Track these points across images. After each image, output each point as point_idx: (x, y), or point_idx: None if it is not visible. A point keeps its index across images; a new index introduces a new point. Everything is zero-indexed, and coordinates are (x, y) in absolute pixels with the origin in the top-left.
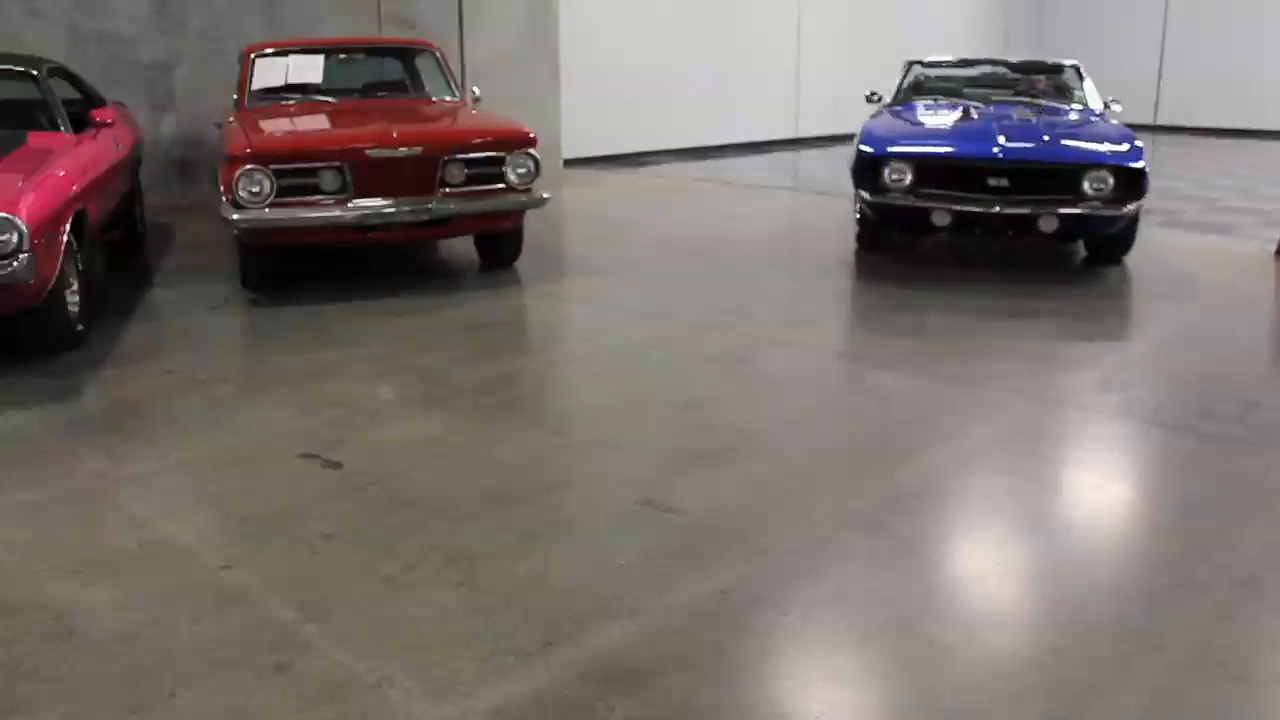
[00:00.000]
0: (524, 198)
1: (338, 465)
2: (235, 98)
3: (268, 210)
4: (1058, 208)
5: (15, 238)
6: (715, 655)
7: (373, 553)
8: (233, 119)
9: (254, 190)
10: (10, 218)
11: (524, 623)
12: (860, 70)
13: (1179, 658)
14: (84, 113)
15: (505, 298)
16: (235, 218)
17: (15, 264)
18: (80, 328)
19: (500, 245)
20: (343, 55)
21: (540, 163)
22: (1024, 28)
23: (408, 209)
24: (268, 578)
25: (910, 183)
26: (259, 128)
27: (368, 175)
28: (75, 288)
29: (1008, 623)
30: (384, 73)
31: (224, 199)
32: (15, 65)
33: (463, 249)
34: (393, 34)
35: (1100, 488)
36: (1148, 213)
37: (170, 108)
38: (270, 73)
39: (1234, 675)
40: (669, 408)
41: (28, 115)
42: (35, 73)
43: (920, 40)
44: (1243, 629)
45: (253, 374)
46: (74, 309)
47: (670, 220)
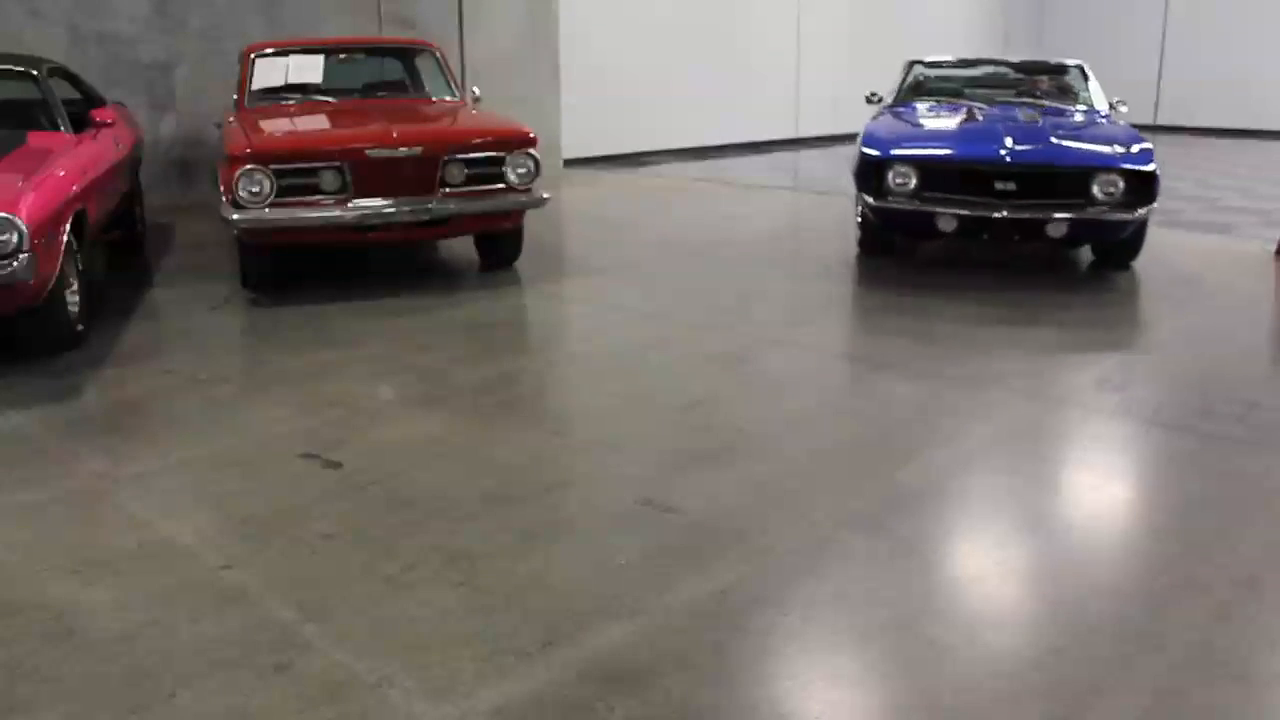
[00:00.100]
0: (524, 198)
1: (338, 465)
2: (235, 98)
3: (268, 210)
4: (1066, 212)
5: (15, 238)
6: (715, 655)
7: (373, 553)
8: (233, 119)
9: (254, 190)
10: (10, 218)
11: (524, 623)
12: (860, 70)
13: (1179, 658)
14: (84, 113)
15: (505, 298)
16: (235, 218)
17: (15, 264)
18: (80, 328)
19: (500, 245)
20: (343, 55)
21: (540, 163)
22: (1024, 28)
23: (408, 209)
24: (268, 578)
25: (914, 186)
26: (259, 128)
27: (368, 175)
28: (75, 288)
29: (1008, 623)
30: (384, 73)
31: (224, 199)
32: (15, 65)
33: (463, 249)
34: (393, 34)
35: (1100, 488)
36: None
37: (170, 108)
38: (270, 73)
39: (1234, 675)
40: (669, 408)
41: (28, 115)
42: (35, 73)
43: (920, 40)
44: (1243, 629)
45: (253, 374)
46: (74, 309)
47: (670, 220)
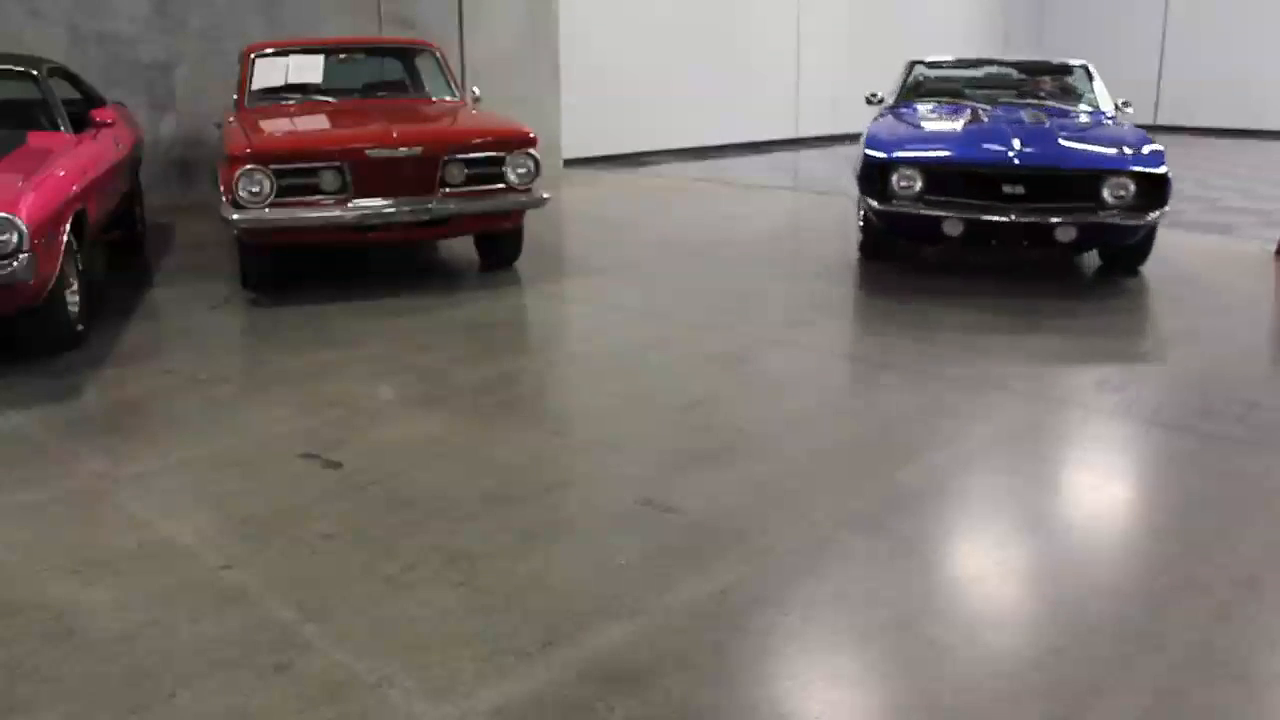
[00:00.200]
0: (524, 198)
1: (338, 465)
2: (235, 98)
3: (268, 210)
4: (1075, 216)
5: (15, 238)
6: (715, 655)
7: (373, 553)
8: (233, 119)
9: (254, 190)
10: (10, 218)
11: (524, 623)
12: (860, 70)
13: (1179, 658)
14: (84, 113)
15: (505, 298)
16: (235, 218)
17: (15, 264)
18: (80, 328)
19: (500, 245)
20: (343, 55)
21: (540, 163)
22: (1024, 28)
23: (408, 209)
24: (268, 578)
25: (919, 190)
26: (259, 128)
27: (368, 175)
28: (75, 288)
29: (1008, 623)
30: (384, 73)
31: (224, 199)
32: (15, 65)
33: (463, 249)
34: (393, 34)
35: (1100, 488)
36: None
37: (170, 108)
38: (270, 73)
39: (1234, 675)
40: (669, 408)
41: (28, 115)
42: (35, 73)
43: (920, 40)
44: (1243, 629)
45: (253, 374)
46: (74, 309)
47: (670, 220)
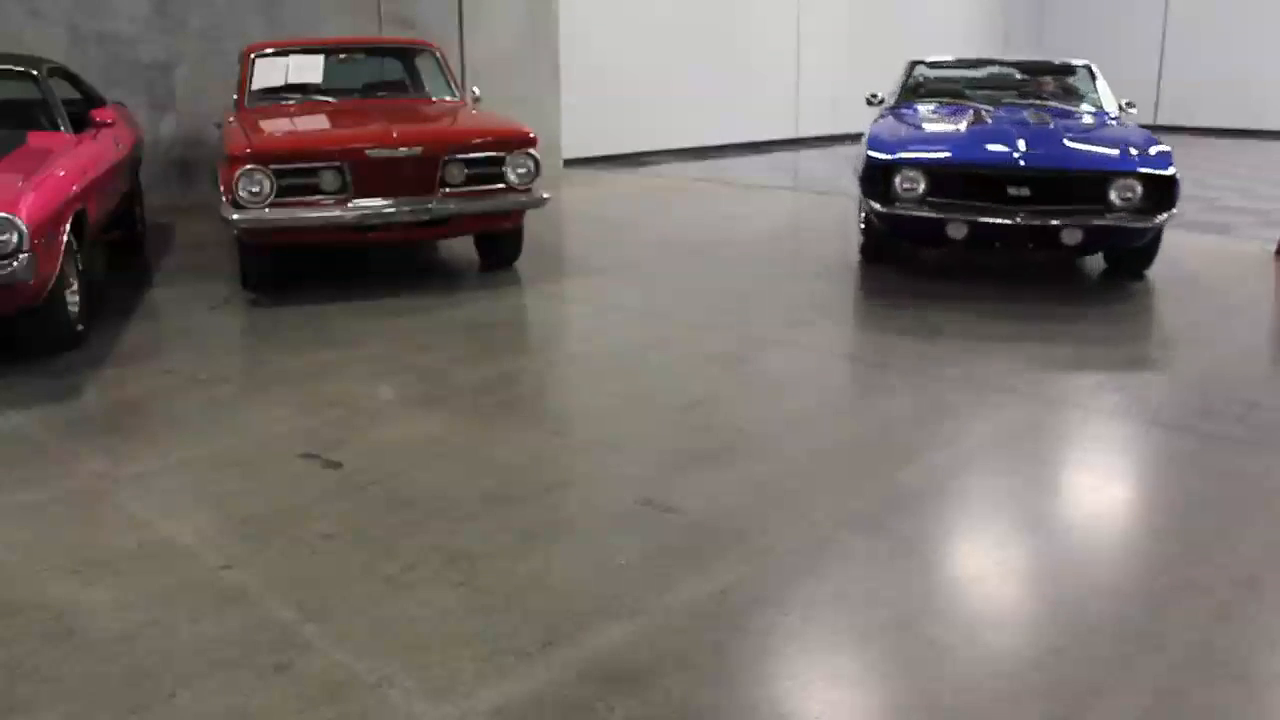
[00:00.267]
0: (524, 198)
1: (338, 465)
2: (235, 98)
3: (268, 210)
4: (1082, 219)
5: (15, 238)
6: (715, 655)
7: (373, 553)
8: (233, 119)
9: (254, 190)
10: (10, 218)
11: (524, 623)
12: (860, 70)
13: (1179, 658)
14: (84, 113)
15: (505, 298)
16: (235, 218)
17: (15, 264)
18: (80, 328)
19: (500, 245)
20: (343, 55)
21: (540, 163)
22: (1024, 28)
23: (408, 209)
24: (268, 578)
25: (922, 192)
26: (259, 128)
27: (368, 175)
28: (75, 288)
29: (1008, 623)
30: (384, 73)
31: (224, 199)
32: (15, 65)
33: (463, 249)
34: (393, 34)
35: (1100, 488)
36: None
37: (170, 108)
38: (270, 73)
39: (1234, 675)
40: (669, 408)
41: (28, 115)
42: (35, 73)
43: (920, 40)
44: (1243, 629)
45: (253, 374)
46: (74, 309)
47: (670, 220)
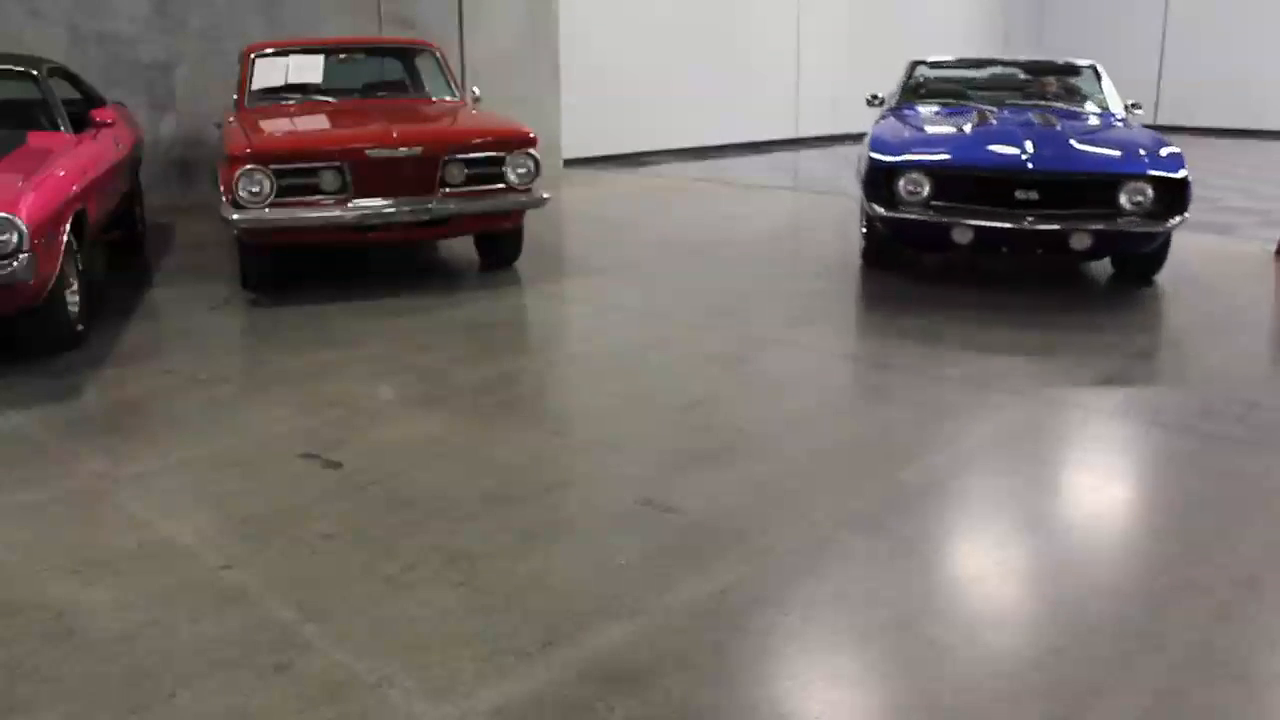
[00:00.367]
0: (524, 198)
1: (338, 465)
2: (235, 98)
3: (268, 210)
4: (1092, 223)
5: (15, 238)
6: (715, 655)
7: (373, 553)
8: (233, 119)
9: (254, 190)
10: (10, 218)
11: (524, 623)
12: (860, 70)
13: (1179, 658)
14: (84, 113)
15: (505, 298)
16: (235, 218)
17: (15, 264)
18: (80, 328)
19: (500, 245)
20: (343, 55)
21: (540, 163)
22: (1024, 28)
23: (408, 209)
24: (268, 578)
25: (926, 195)
26: (259, 128)
27: (368, 175)
28: (75, 288)
29: (1008, 623)
30: (384, 73)
31: (224, 199)
32: (15, 65)
33: (463, 249)
34: (393, 34)
35: (1100, 488)
36: None
37: (170, 108)
38: (270, 73)
39: (1234, 675)
40: (669, 408)
41: (28, 115)
42: (35, 73)
43: (920, 40)
44: (1243, 629)
45: (253, 374)
46: (74, 309)
47: (670, 220)
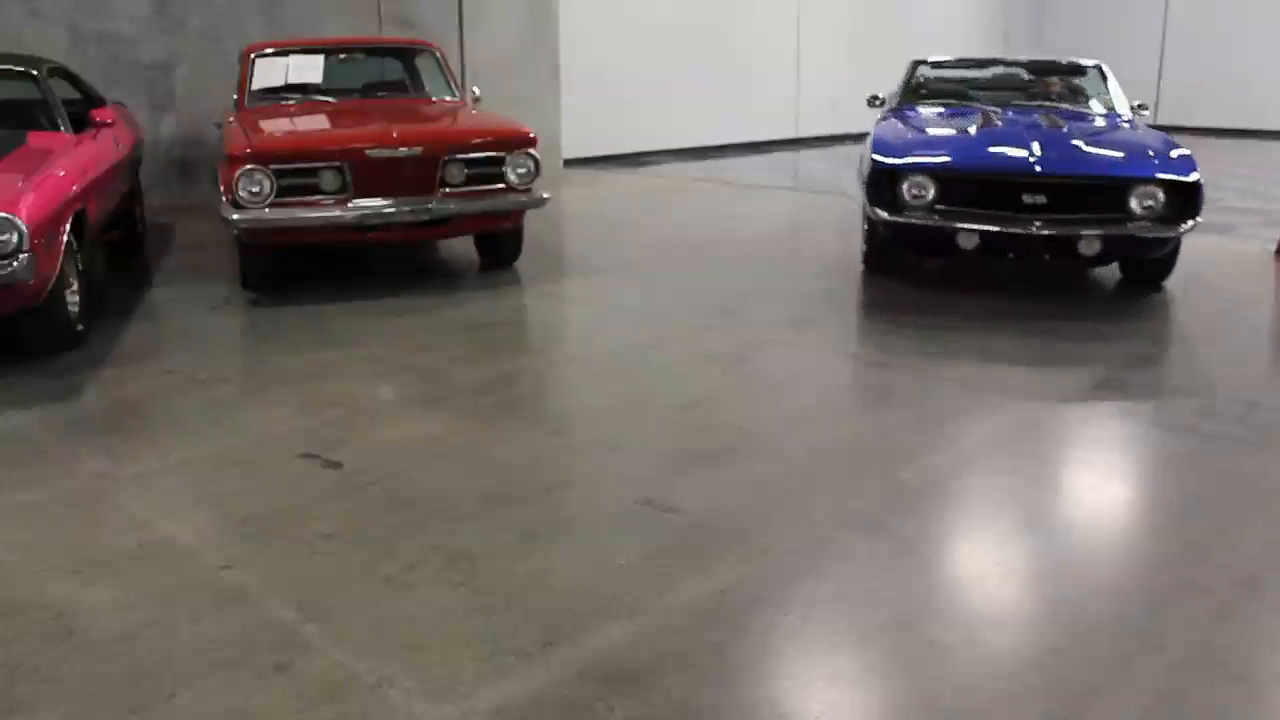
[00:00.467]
0: (524, 198)
1: (338, 465)
2: (235, 98)
3: (268, 210)
4: (1101, 228)
5: (15, 238)
6: (715, 655)
7: (373, 553)
8: (233, 119)
9: (254, 190)
10: (10, 218)
11: (524, 623)
12: (860, 70)
13: (1179, 658)
14: (84, 113)
15: (505, 298)
16: (235, 218)
17: (15, 264)
18: (80, 328)
19: (500, 245)
20: (343, 55)
21: (540, 163)
22: (1024, 28)
23: (408, 209)
24: (268, 578)
25: (930, 199)
26: (259, 128)
27: (368, 175)
28: (75, 288)
29: (1008, 623)
30: (384, 73)
31: (224, 199)
32: (15, 65)
33: (463, 249)
34: (393, 34)
35: (1100, 488)
36: None
37: (170, 108)
38: (270, 73)
39: (1234, 675)
40: (669, 408)
41: (28, 115)
42: (35, 73)
43: (920, 40)
44: (1243, 629)
45: (253, 374)
46: (74, 309)
47: (670, 220)
